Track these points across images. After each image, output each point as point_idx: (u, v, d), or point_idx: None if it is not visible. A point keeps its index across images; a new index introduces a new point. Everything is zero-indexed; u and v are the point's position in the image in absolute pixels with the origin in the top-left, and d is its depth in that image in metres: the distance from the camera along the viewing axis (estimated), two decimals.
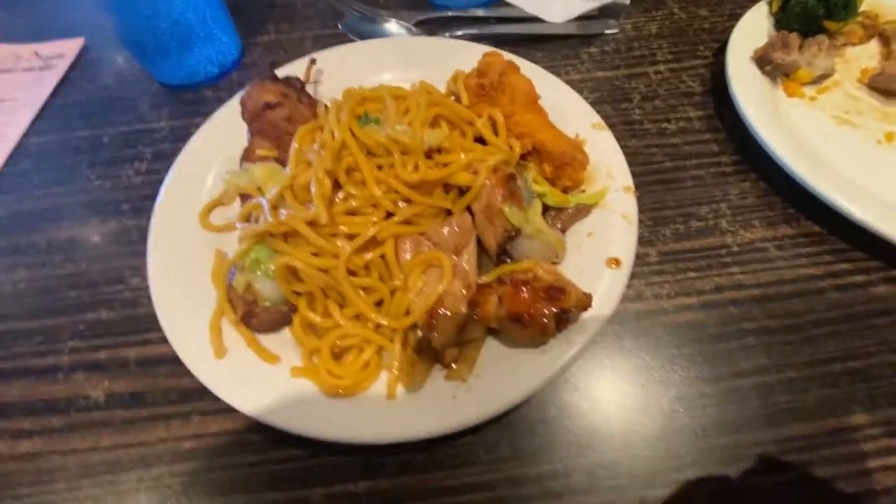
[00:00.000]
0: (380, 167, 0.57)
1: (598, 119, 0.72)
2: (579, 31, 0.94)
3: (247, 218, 0.60)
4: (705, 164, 0.76)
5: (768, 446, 0.53)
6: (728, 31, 0.92)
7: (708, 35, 0.94)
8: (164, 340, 0.57)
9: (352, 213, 0.56)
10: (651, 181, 0.74)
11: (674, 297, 0.63)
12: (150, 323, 0.63)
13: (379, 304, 0.55)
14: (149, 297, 0.64)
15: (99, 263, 0.70)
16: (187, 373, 0.55)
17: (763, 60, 0.79)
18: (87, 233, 0.74)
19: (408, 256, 0.55)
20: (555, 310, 0.51)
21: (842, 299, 0.63)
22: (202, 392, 0.56)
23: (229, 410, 0.53)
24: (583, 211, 0.63)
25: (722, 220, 0.70)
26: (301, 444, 0.53)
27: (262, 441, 0.55)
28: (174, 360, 0.59)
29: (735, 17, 0.92)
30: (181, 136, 0.83)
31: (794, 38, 0.80)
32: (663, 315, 0.62)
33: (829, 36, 0.81)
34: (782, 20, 0.85)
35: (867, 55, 0.85)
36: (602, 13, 0.95)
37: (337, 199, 0.56)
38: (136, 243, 0.71)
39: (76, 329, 0.65)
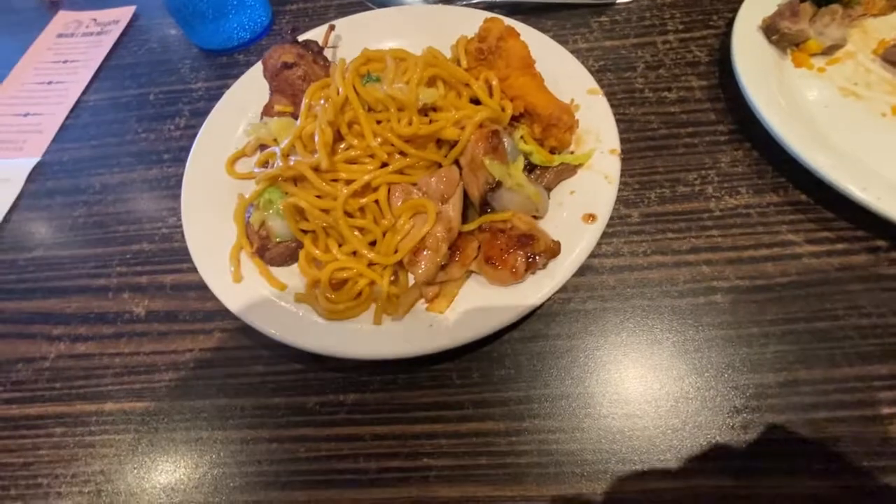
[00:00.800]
0: (378, 121, 0.63)
1: (593, 84, 0.75)
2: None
3: (264, 164, 0.68)
4: (700, 132, 0.78)
5: (713, 391, 0.57)
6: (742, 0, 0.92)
7: (723, 4, 0.93)
8: (194, 270, 0.67)
9: (351, 161, 0.63)
10: (643, 147, 0.77)
11: (649, 255, 0.67)
12: (182, 255, 0.74)
13: (373, 244, 0.63)
14: (182, 234, 0.75)
15: (143, 204, 0.81)
16: (212, 297, 0.64)
17: (770, 29, 0.79)
18: (133, 178, 0.85)
19: (399, 202, 0.62)
20: (524, 254, 0.57)
21: (818, 265, 0.64)
22: (224, 313, 0.66)
23: (245, 328, 0.63)
24: (567, 170, 0.67)
25: (708, 187, 0.72)
26: (301, 359, 0.63)
27: (270, 355, 0.65)
28: (201, 287, 0.69)
29: None
30: (215, 96, 0.91)
31: (805, 6, 0.79)
32: (637, 271, 0.66)
33: (844, 5, 0.80)
34: None
35: (889, 26, 0.83)
36: None
37: (339, 150, 0.63)
38: (174, 188, 0.82)
39: (123, 257, 0.76)
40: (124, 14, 1.10)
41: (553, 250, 0.57)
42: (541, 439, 0.57)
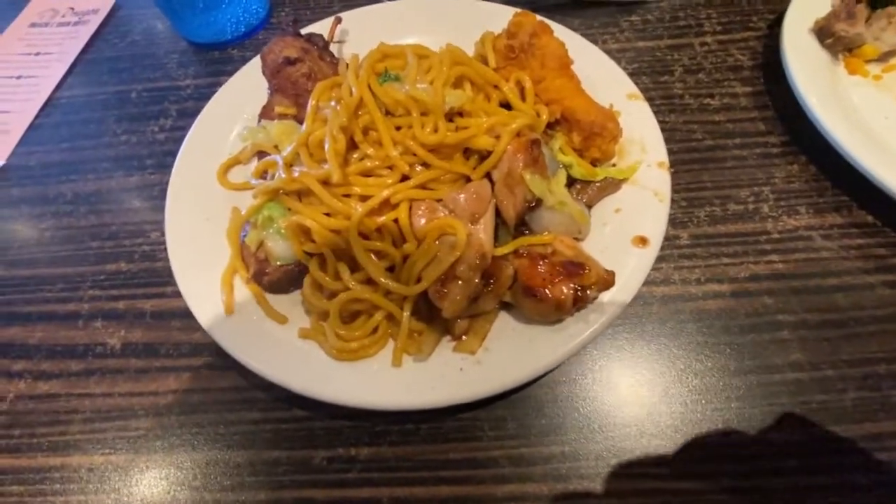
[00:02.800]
0: (398, 127, 0.55)
1: (633, 89, 0.67)
2: None
3: (262, 175, 0.59)
4: (749, 143, 0.70)
5: (797, 447, 0.50)
6: (786, 1, 0.85)
7: (763, 5, 0.86)
8: (179, 294, 0.57)
9: (366, 173, 0.54)
10: (688, 159, 0.69)
11: (704, 283, 0.59)
12: (166, 276, 0.64)
13: (390, 269, 0.54)
14: (166, 252, 0.65)
15: (121, 216, 0.71)
16: (199, 327, 0.55)
17: (824, 32, 0.72)
18: (111, 186, 0.75)
19: (422, 222, 0.53)
20: (573, 286, 0.49)
21: (893, 297, 0.57)
22: (213, 347, 0.57)
23: (237, 367, 0.53)
24: (611, 185, 0.59)
25: (763, 205, 0.65)
26: (305, 405, 0.53)
27: (268, 399, 0.55)
28: (188, 314, 0.59)
29: None
30: (206, 95, 0.82)
31: (860, 8, 0.72)
32: (691, 301, 0.58)
33: None
34: None
35: None
36: None
37: (352, 160, 0.54)
38: (157, 198, 0.72)
39: (97, 278, 0.66)
40: (104, 3, 1.00)
41: (606, 282, 0.49)
42: None
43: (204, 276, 0.57)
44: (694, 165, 0.69)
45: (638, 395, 0.53)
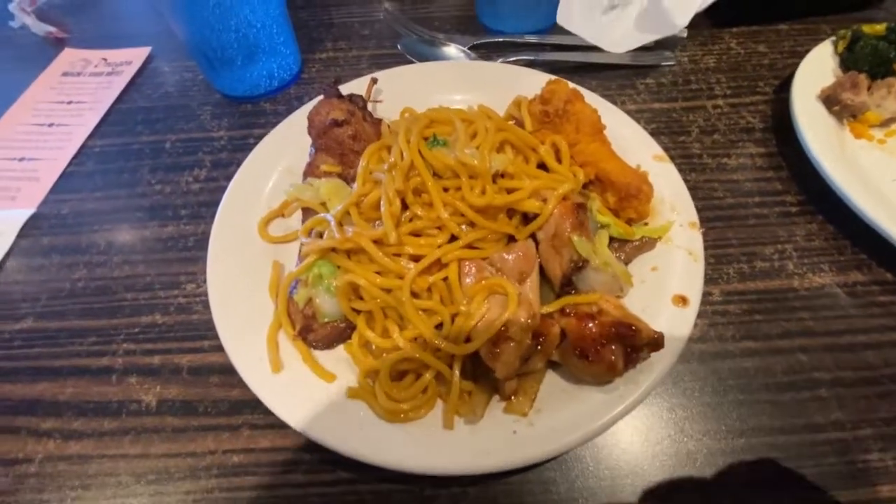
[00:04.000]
0: (445, 189, 0.57)
1: (659, 151, 0.71)
2: (634, 61, 0.94)
3: (309, 233, 0.60)
4: (768, 202, 0.74)
5: None
6: (787, 68, 0.92)
7: (767, 71, 0.92)
8: (217, 349, 0.57)
9: (416, 233, 0.56)
10: (712, 217, 0.72)
11: (739, 340, 0.61)
12: (203, 330, 0.64)
13: (438, 327, 0.54)
14: (203, 304, 0.65)
15: (156, 267, 0.71)
16: (239, 383, 0.54)
17: (831, 100, 0.77)
18: (145, 236, 0.75)
19: (469, 281, 0.55)
20: (622, 347, 0.50)
21: None
22: (254, 404, 0.56)
23: (281, 426, 0.53)
24: (647, 244, 0.61)
25: (788, 262, 0.67)
26: (352, 467, 0.52)
27: (313, 461, 0.54)
28: (226, 370, 0.59)
29: (795, 55, 0.91)
30: (239, 147, 0.85)
31: (862, 78, 0.78)
32: (729, 358, 0.59)
33: None
34: (848, 60, 0.83)
35: None
36: (658, 45, 0.95)
37: (402, 220, 0.56)
38: (192, 249, 0.72)
39: (131, 332, 0.65)
40: (138, 55, 1.03)
41: (656, 343, 0.50)
42: None
43: (246, 330, 0.57)
44: (718, 223, 0.72)
45: (684, 456, 0.54)
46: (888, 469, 0.52)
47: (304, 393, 0.53)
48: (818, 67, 0.84)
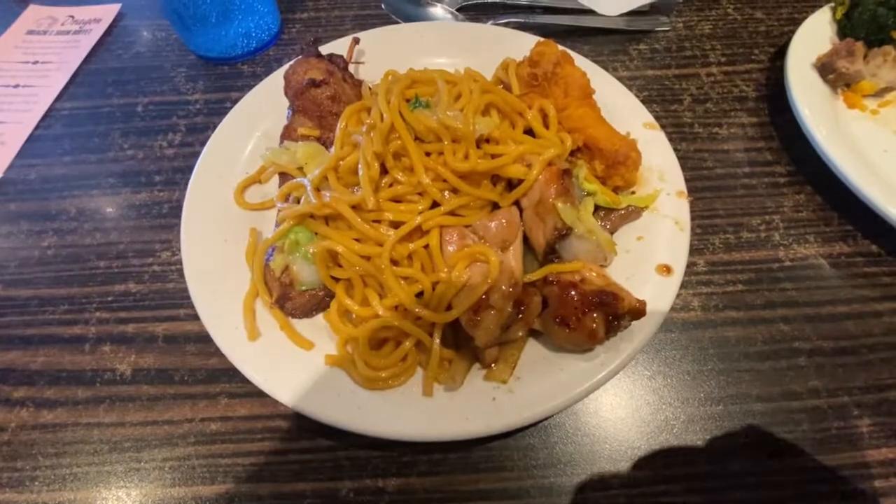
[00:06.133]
0: (427, 153, 0.55)
1: (649, 118, 0.69)
2: (628, 26, 0.91)
3: (286, 198, 0.57)
4: (758, 172, 0.73)
5: (817, 472, 0.51)
6: (785, 35, 0.89)
7: (763, 39, 0.90)
8: (193, 317, 0.56)
9: (397, 199, 0.54)
10: (701, 187, 0.71)
11: (722, 310, 0.61)
12: (179, 298, 0.62)
13: (418, 295, 0.53)
14: (179, 272, 0.63)
15: (129, 235, 0.69)
16: (216, 352, 0.53)
17: (826, 68, 0.75)
18: (118, 202, 0.72)
19: (451, 248, 0.53)
20: (606, 316, 0.49)
21: None
22: (231, 373, 0.55)
23: (258, 394, 0.52)
24: (633, 213, 0.60)
25: (774, 233, 0.67)
26: (331, 434, 0.52)
27: (291, 429, 0.54)
28: (203, 339, 0.58)
29: (793, 22, 0.89)
30: (215, 111, 0.81)
31: (859, 46, 0.76)
32: (711, 328, 0.59)
33: None
34: (846, 28, 0.81)
35: None
36: (653, 9, 0.92)
37: (382, 185, 0.54)
38: (167, 216, 0.70)
39: (104, 300, 0.63)
40: (107, 12, 0.97)
41: (638, 311, 0.50)
42: None
43: (222, 299, 0.56)
44: (706, 193, 0.71)
45: (663, 422, 0.54)
46: (862, 435, 0.53)
47: (282, 361, 0.52)
48: (815, 35, 0.81)
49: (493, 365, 0.51)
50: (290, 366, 0.52)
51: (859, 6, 0.79)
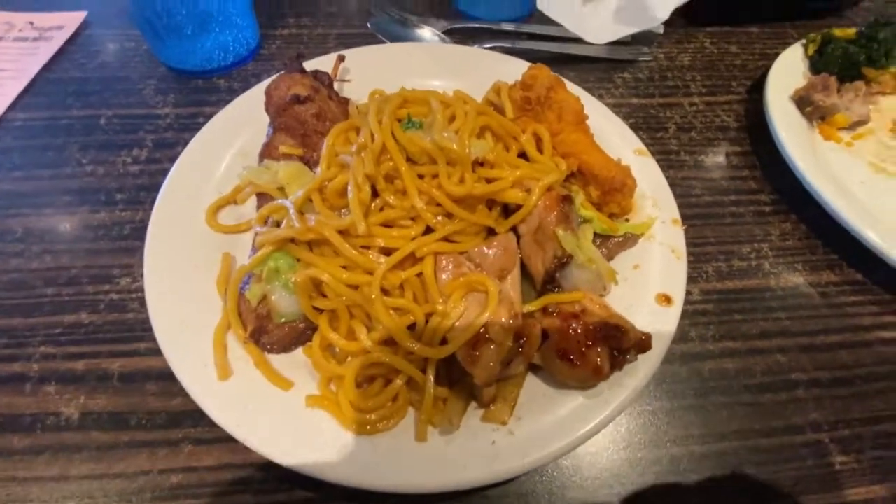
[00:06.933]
0: (420, 176, 0.52)
1: (640, 145, 0.69)
2: (611, 55, 0.92)
3: (265, 221, 0.53)
4: (744, 200, 0.73)
5: None
6: (758, 69, 0.92)
7: (740, 72, 0.93)
8: (154, 352, 0.50)
9: (388, 224, 0.50)
10: (691, 214, 0.71)
11: (719, 340, 0.59)
12: (139, 330, 0.56)
13: (410, 328, 0.49)
14: (140, 301, 0.58)
15: (84, 258, 0.62)
16: (180, 392, 0.47)
17: (804, 101, 0.78)
18: (73, 222, 0.65)
19: (445, 277, 0.50)
20: (608, 349, 0.47)
21: (889, 354, 0.60)
22: (197, 416, 0.49)
23: (228, 440, 0.46)
24: (630, 241, 0.59)
25: (764, 262, 0.67)
26: (311, 486, 0.47)
27: (266, 479, 0.48)
28: (165, 376, 0.52)
29: (766, 57, 0.92)
30: (187, 126, 0.76)
31: (833, 81, 0.79)
32: (710, 359, 0.58)
33: (867, 82, 0.81)
34: (818, 63, 0.85)
35: None
36: (634, 40, 0.94)
37: (372, 209, 0.50)
38: (128, 238, 0.64)
39: (50, 332, 0.56)
40: (71, 20, 0.91)
41: (644, 344, 0.47)
42: None
43: (189, 331, 0.50)
44: (696, 220, 0.70)
45: (666, 461, 0.51)
46: (864, 471, 0.52)
47: (256, 403, 0.46)
48: (789, 69, 0.84)
49: (491, 405, 0.48)
50: (265, 408, 0.46)
51: (831, 43, 0.83)
